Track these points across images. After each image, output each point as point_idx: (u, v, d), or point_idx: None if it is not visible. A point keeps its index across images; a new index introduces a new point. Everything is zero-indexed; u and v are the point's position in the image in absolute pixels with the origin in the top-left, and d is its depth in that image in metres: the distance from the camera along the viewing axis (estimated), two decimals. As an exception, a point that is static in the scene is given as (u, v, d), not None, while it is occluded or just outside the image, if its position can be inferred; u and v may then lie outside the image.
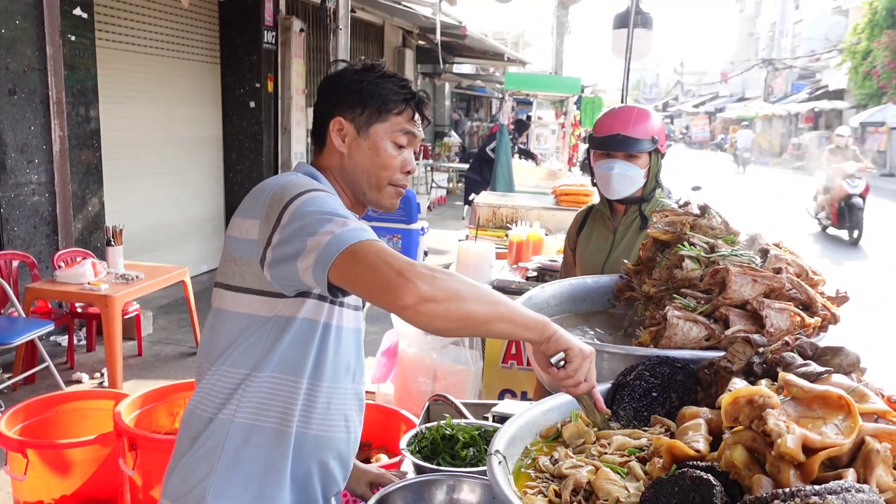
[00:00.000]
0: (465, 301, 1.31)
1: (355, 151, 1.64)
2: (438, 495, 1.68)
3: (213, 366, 1.57)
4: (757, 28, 51.80)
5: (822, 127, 34.29)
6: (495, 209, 5.53)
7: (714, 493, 1.03)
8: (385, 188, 1.66)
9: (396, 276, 1.28)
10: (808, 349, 1.36)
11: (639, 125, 2.58)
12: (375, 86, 1.64)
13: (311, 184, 1.52)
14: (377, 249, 1.34)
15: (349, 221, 1.39)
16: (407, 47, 15.32)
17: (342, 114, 1.64)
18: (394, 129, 1.65)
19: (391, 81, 1.66)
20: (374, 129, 1.64)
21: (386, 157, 1.64)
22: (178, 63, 8.08)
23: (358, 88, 1.64)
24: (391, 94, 1.64)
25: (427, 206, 14.31)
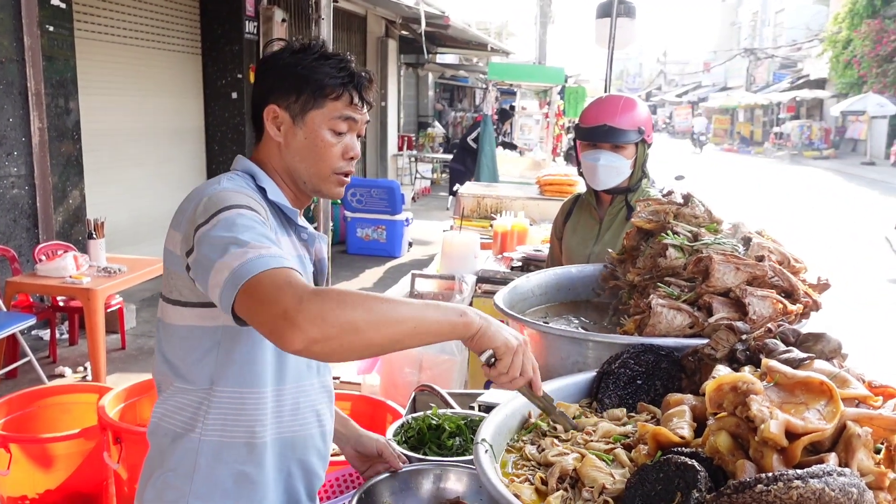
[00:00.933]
0: (362, 332, 1.19)
1: (292, 140, 1.54)
2: (425, 484, 1.69)
3: (172, 380, 1.51)
4: (739, 17, 51.98)
5: (804, 116, 34.57)
6: (480, 199, 5.53)
7: (698, 478, 1.04)
8: (328, 177, 1.57)
9: (281, 320, 1.16)
10: (790, 336, 1.37)
11: (625, 115, 2.58)
12: (311, 69, 1.52)
13: (231, 199, 1.39)
14: (270, 282, 1.21)
15: (249, 249, 1.26)
16: (390, 37, 15.25)
17: (276, 101, 1.53)
18: (332, 115, 1.53)
19: (328, 63, 1.53)
20: (311, 116, 1.53)
21: (324, 145, 1.54)
22: (158, 53, 8.00)
23: (293, 73, 1.52)
24: (328, 78, 1.52)
25: (411, 196, 14.29)
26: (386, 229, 9.74)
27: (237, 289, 1.22)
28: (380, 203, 9.61)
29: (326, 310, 1.17)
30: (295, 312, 1.16)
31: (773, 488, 0.91)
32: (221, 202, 1.38)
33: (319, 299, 1.17)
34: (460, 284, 3.50)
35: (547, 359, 1.85)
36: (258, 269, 1.22)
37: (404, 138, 16.65)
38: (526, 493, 1.24)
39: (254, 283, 1.22)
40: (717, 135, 44.04)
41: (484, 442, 1.33)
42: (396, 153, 16.17)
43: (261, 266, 1.23)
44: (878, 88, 26.05)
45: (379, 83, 8.00)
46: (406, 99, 18.61)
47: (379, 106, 15.23)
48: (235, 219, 1.34)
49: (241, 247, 1.27)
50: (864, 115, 27.40)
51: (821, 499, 0.90)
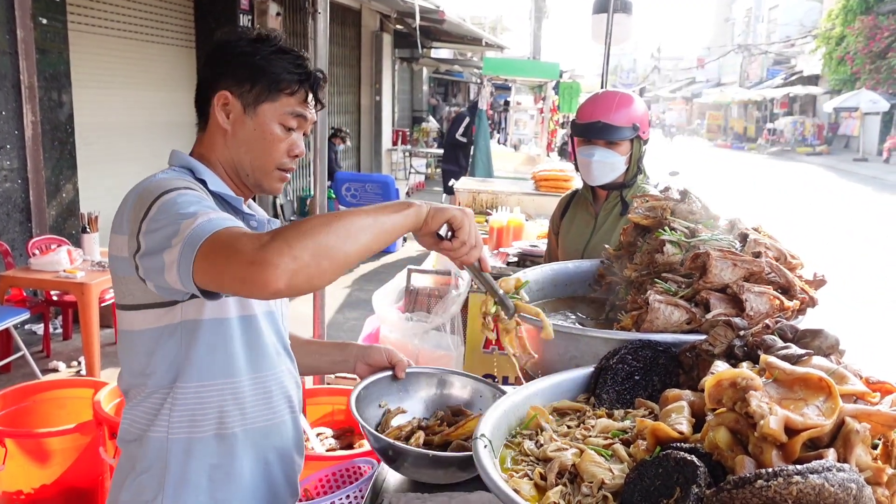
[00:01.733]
0: (333, 250, 1.19)
1: (239, 130, 1.52)
2: (426, 388, 1.77)
3: (136, 385, 1.51)
4: (733, 13, 52.04)
5: (797, 112, 34.67)
6: (475, 195, 5.53)
7: (698, 473, 1.05)
8: (271, 172, 1.55)
9: (251, 266, 1.15)
10: (788, 332, 1.38)
11: (620, 112, 2.58)
12: (268, 61, 1.50)
13: (167, 184, 1.37)
14: (227, 238, 1.20)
15: (198, 217, 1.25)
16: (385, 31, 15.21)
17: (229, 87, 1.50)
18: (283, 109, 1.52)
19: (286, 58, 1.52)
20: (263, 108, 1.51)
21: (272, 139, 1.52)
22: (152, 47, 7.96)
23: (250, 62, 1.50)
24: (285, 73, 1.50)
25: (406, 191, 14.28)
26: (380, 224, 9.72)
27: (194, 254, 1.21)
28: (374, 198, 9.60)
29: (291, 241, 1.16)
30: (262, 254, 1.15)
31: (773, 484, 0.92)
32: (157, 189, 1.36)
33: (280, 236, 1.17)
34: (456, 279, 3.50)
35: (544, 354, 1.86)
36: (210, 231, 1.22)
37: (398, 133, 16.63)
38: (525, 488, 1.24)
39: (209, 243, 1.21)
40: (711, 130, 44.15)
41: (483, 437, 1.33)
42: (391, 148, 16.14)
43: (211, 227, 1.23)
44: (870, 85, 26.15)
45: (374, 77, 8.03)
46: (400, 93, 18.57)
47: (373, 100, 15.20)
48: (175, 198, 1.32)
49: (188, 218, 1.26)
50: (856, 112, 27.50)
51: (820, 494, 0.91)
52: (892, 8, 25.52)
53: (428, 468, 1.62)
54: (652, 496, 1.10)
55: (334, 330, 6.38)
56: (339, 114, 13.56)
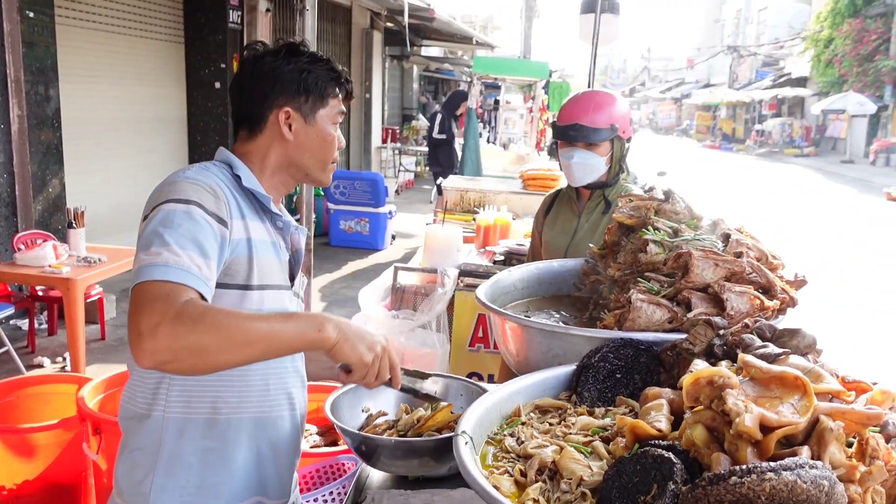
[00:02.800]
0: (211, 355, 1.25)
1: (304, 139, 1.65)
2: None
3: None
4: (723, 14, 52.27)
5: (785, 114, 34.89)
6: (463, 193, 5.54)
7: (674, 470, 1.06)
8: (328, 167, 1.72)
9: (137, 336, 1.23)
10: (766, 331, 1.40)
11: (598, 113, 2.60)
12: (313, 73, 1.65)
13: (180, 192, 1.44)
14: (150, 294, 1.27)
15: (162, 252, 1.32)
16: (375, 29, 15.19)
17: (288, 103, 1.63)
18: (333, 112, 1.68)
19: (323, 65, 1.67)
20: (319, 115, 1.66)
21: (331, 139, 1.69)
22: (140, 42, 7.92)
23: (299, 78, 1.63)
24: (328, 80, 1.66)
25: (395, 189, 14.28)
26: (369, 222, 9.72)
27: (132, 287, 1.31)
28: (363, 195, 9.59)
29: (179, 333, 1.22)
30: (149, 333, 1.22)
31: (747, 480, 0.93)
32: (168, 193, 1.45)
33: (178, 321, 1.23)
34: (443, 278, 3.51)
35: (527, 352, 1.87)
36: (150, 277, 1.29)
37: (388, 131, 16.61)
38: (505, 485, 1.25)
39: (139, 288, 1.29)
40: (700, 131, 44.34)
41: (464, 434, 1.34)
42: (380, 146, 16.13)
43: (154, 274, 1.29)
44: (858, 87, 26.35)
45: (363, 75, 8.02)
46: (390, 91, 18.55)
47: (363, 98, 15.18)
48: (172, 215, 1.39)
49: (159, 247, 1.33)
50: (844, 114, 27.70)
51: (793, 491, 0.92)
52: (879, 11, 25.73)
53: (401, 459, 1.65)
54: (630, 493, 1.12)
55: (321, 327, 6.37)
56: (328, 111, 13.50)
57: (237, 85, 1.67)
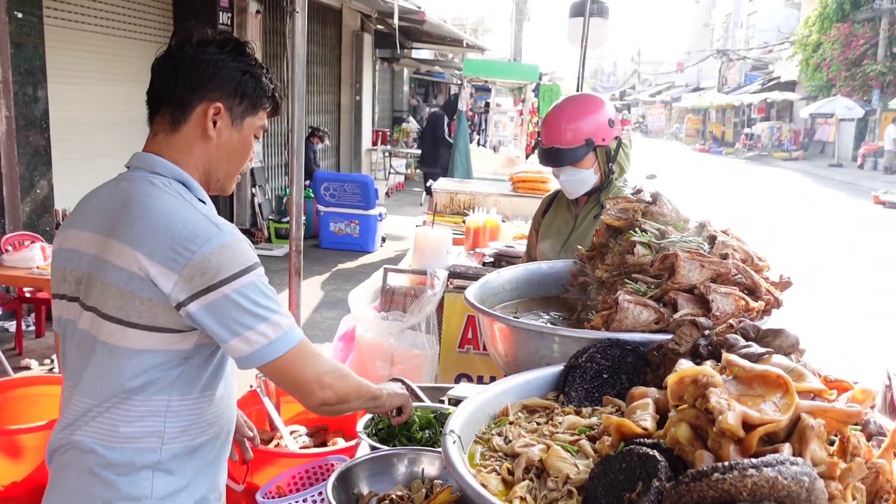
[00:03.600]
0: (349, 402, 1.60)
1: (226, 141, 1.57)
2: (399, 468, 1.72)
3: (115, 396, 1.47)
4: (712, 19, 52.57)
5: (774, 117, 35.09)
6: (453, 195, 5.55)
7: (658, 468, 1.07)
8: (236, 177, 1.66)
9: (314, 386, 1.50)
10: (750, 331, 1.41)
11: (570, 134, 2.64)
12: (256, 77, 1.58)
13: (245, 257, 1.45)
14: (302, 356, 1.50)
15: (282, 320, 1.47)
16: (365, 31, 15.19)
17: (220, 99, 1.54)
18: (258, 123, 1.62)
19: (265, 75, 1.61)
20: (247, 122, 1.59)
21: (249, 149, 1.64)
22: (129, 43, 7.90)
23: (240, 78, 1.55)
24: (266, 90, 1.60)
25: (385, 192, 14.28)
26: (359, 224, 9.72)
27: (274, 358, 1.46)
28: (353, 197, 9.59)
29: (339, 384, 1.55)
30: (322, 385, 1.51)
31: (729, 476, 0.95)
32: (240, 262, 1.44)
33: (336, 373, 1.56)
34: (432, 279, 3.52)
35: (516, 353, 1.88)
36: (287, 347, 1.47)
37: (378, 133, 16.61)
38: (493, 483, 1.27)
39: (286, 359, 1.47)
40: (690, 135, 44.53)
41: (452, 433, 1.35)
42: (370, 148, 16.13)
43: (292, 341, 1.48)
44: (846, 92, 26.55)
45: (353, 77, 8.01)
46: (381, 94, 18.56)
47: (353, 100, 15.17)
48: (258, 284, 1.47)
49: (271, 314, 1.46)
50: (832, 118, 27.90)
51: (774, 486, 0.94)
52: (867, 16, 25.94)
53: None
54: (615, 490, 1.13)
55: (311, 329, 6.37)
56: (318, 113, 13.53)
57: (169, 62, 1.54)
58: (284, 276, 8.52)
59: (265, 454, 2.40)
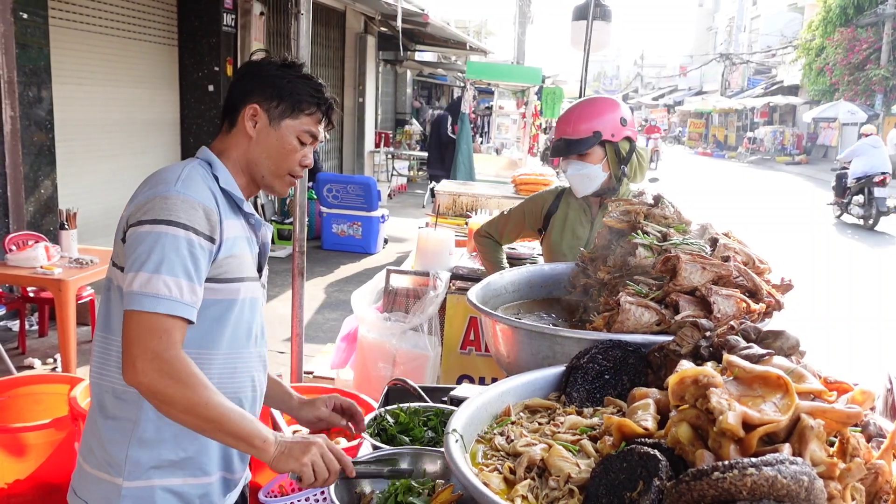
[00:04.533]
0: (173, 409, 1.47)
1: (264, 139, 1.73)
2: (402, 467, 1.73)
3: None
4: (715, 22, 52.54)
5: (777, 122, 35.06)
6: (455, 197, 5.57)
7: (659, 467, 1.09)
8: (283, 177, 1.78)
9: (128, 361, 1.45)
10: (751, 333, 1.42)
11: (580, 124, 2.66)
12: (294, 84, 1.73)
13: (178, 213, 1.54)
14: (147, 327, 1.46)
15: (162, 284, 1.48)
16: (369, 33, 15.22)
17: (258, 102, 1.72)
18: (302, 127, 1.74)
19: (309, 84, 1.76)
20: (285, 123, 1.73)
21: (290, 149, 1.75)
22: (134, 44, 7.92)
23: (278, 83, 1.73)
24: (307, 95, 1.74)
25: (388, 193, 14.29)
26: (362, 225, 9.73)
27: (129, 307, 1.48)
28: (356, 199, 9.60)
29: (161, 381, 1.45)
30: (139, 367, 1.44)
31: (729, 475, 0.96)
32: (162, 211, 1.55)
33: (164, 370, 1.45)
34: (434, 281, 3.53)
35: (518, 354, 1.89)
36: (143, 307, 1.47)
37: (381, 135, 16.63)
38: (495, 482, 1.28)
39: (134, 317, 1.47)
40: (692, 138, 44.49)
41: (454, 432, 1.36)
42: (373, 150, 16.15)
43: (147, 305, 1.47)
44: (849, 96, 26.52)
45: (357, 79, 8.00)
46: (384, 96, 18.58)
47: (357, 102, 15.20)
48: (165, 240, 1.52)
49: (152, 273, 1.49)
50: (835, 122, 27.86)
51: (773, 485, 0.95)
52: (870, 21, 25.92)
53: None
54: (616, 489, 1.14)
55: (313, 330, 6.38)
56: (322, 115, 13.52)
57: (231, 83, 1.80)
58: (287, 276, 8.48)
59: (268, 453, 2.40)
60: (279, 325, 6.15)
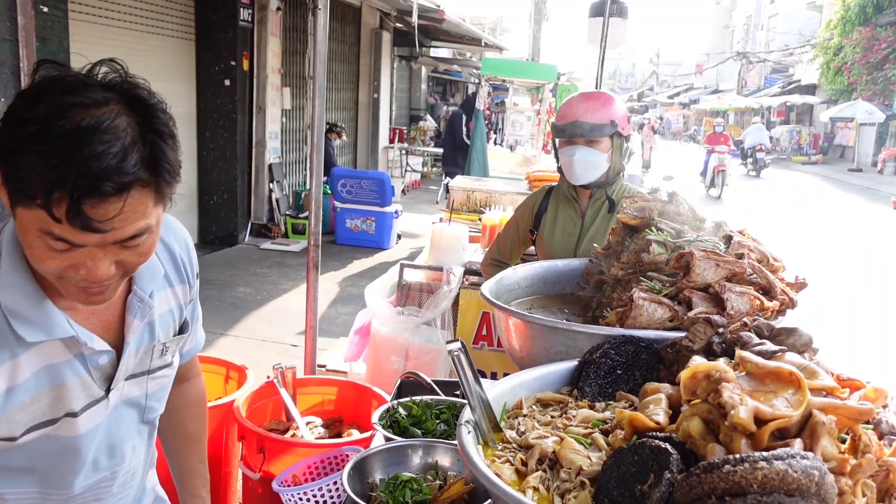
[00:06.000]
0: None
1: (17, 228, 1.13)
2: (414, 459, 1.75)
3: None
4: (732, 20, 52.22)
5: (794, 121, 34.82)
6: (469, 193, 5.59)
7: (671, 460, 1.09)
8: (58, 281, 1.16)
9: None
10: (764, 330, 1.43)
11: (597, 110, 2.64)
12: (15, 151, 1.04)
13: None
14: None
15: None
16: (384, 29, 15.24)
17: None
18: (39, 224, 1.06)
19: (46, 151, 1.01)
20: (18, 213, 1.09)
21: (36, 252, 1.11)
22: (152, 38, 7.99)
23: (3, 142, 1.06)
24: (33, 175, 1.02)
25: (401, 189, 14.32)
26: (375, 221, 9.77)
27: None
28: (370, 194, 9.64)
29: None
30: None
31: (740, 469, 0.96)
32: None
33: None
34: (448, 276, 3.54)
35: (531, 349, 1.90)
36: None
37: (396, 131, 16.66)
38: (506, 473, 1.29)
39: None
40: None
41: (467, 423, 1.37)
42: (387, 145, 16.18)
43: None
44: (867, 96, 26.30)
45: (372, 75, 8.02)
46: (398, 92, 18.60)
47: (371, 98, 15.23)
48: None
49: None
50: (852, 122, 27.64)
51: (784, 479, 0.95)
52: (890, 20, 25.67)
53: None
54: (627, 482, 1.15)
55: (326, 324, 6.42)
56: (336, 110, 13.59)
57: None
58: (301, 270, 8.55)
59: (282, 444, 2.44)
60: (293, 318, 6.20)
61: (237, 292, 7.34)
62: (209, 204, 9.32)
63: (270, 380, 2.76)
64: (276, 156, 10.32)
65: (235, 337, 6.15)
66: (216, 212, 9.34)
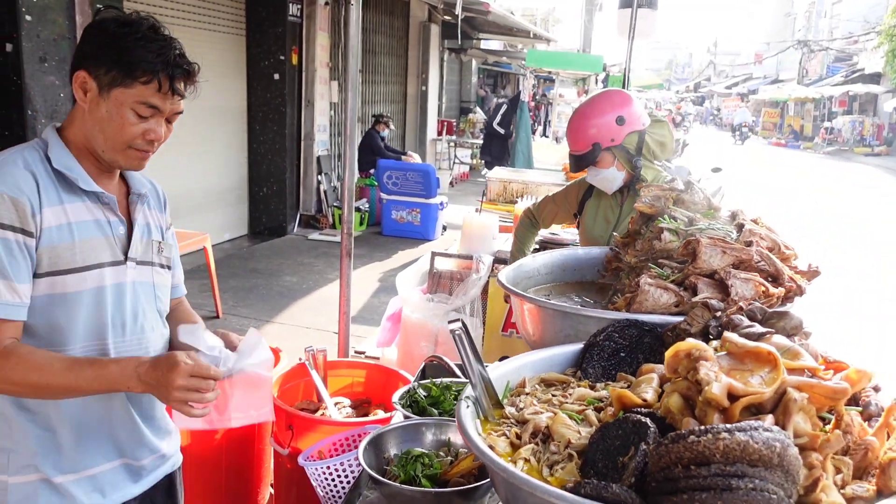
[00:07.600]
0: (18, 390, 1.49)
1: (94, 110, 1.55)
2: (427, 436, 1.83)
3: None
4: (794, 8, 50.73)
5: (857, 111, 33.70)
6: (506, 184, 5.64)
7: (648, 433, 1.15)
8: (124, 150, 1.59)
9: None
10: (757, 313, 1.46)
11: (577, 141, 2.81)
12: (128, 48, 1.51)
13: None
14: None
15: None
16: (433, 22, 15.32)
17: (88, 68, 1.54)
18: (137, 98, 1.54)
19: (149, 46, 1.53)
20: (116, 92, 1.53)
21: (123, 124, 1.55)
22: (204, 34, 8.22)
23: (111, 45, 1.52)
24: (143, 61, 1.52)
25: (449, 181, 14.39)
26: (420, 212, 9.87)
27: None
28: (415, 186, 9.75)
29: None
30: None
31: (703, 439, 1.02)
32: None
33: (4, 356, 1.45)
34: (478, 264, 3.61)
35: (542, 332, 1.96)
36: None
37: (444, 123, 16.73)
38: (500, 446, 1.36)
39: None
40: (766, 128, 43.16)
41: (468, 399, 1.45)
42: (435, 138, 16.27)
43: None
44: (934, 84, 25.30)
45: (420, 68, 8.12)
46: (448, 84, 18.66)
47: (419, 91, 15.33)
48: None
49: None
50: (918, 112, 26.65)
51: (745, 450, 1.00)
52: (960, 5, 24.63)
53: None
54: (611, 454, 1.21)
55: (368, 313, 6.56)
56: (384, 103, 13.74)
57: None
58: (345, 260, 8.59)
59: (309, 421, 2.56)
60: (329, 307, 6.32)
61: (284, 281, 7.53)
62: (259, 195, 9.56)
63: (302, 362, 2.87)
64: (325, 148, 10.51)
65: (281, 324, 6.32)
66: (266, 203, 9.57)
